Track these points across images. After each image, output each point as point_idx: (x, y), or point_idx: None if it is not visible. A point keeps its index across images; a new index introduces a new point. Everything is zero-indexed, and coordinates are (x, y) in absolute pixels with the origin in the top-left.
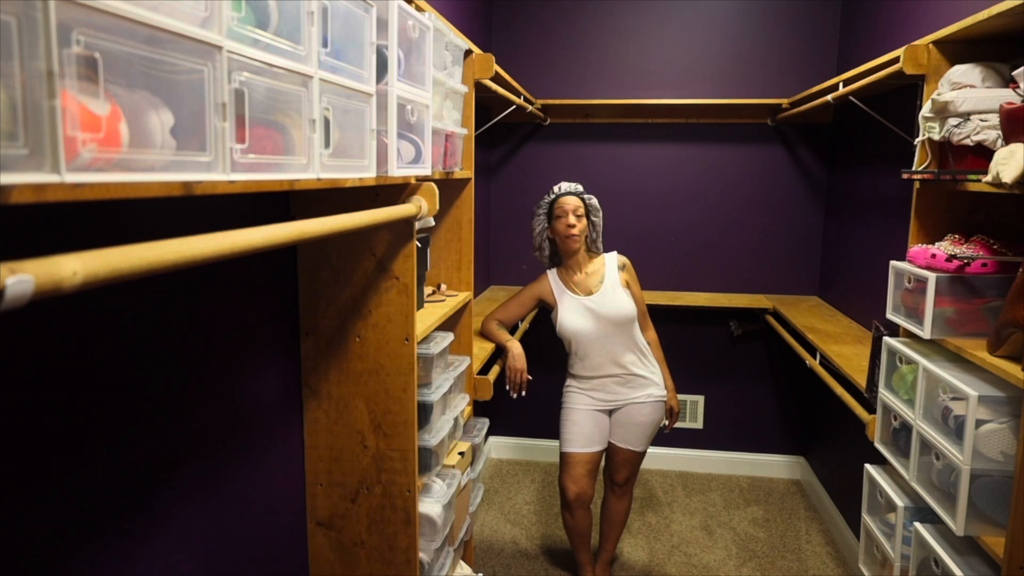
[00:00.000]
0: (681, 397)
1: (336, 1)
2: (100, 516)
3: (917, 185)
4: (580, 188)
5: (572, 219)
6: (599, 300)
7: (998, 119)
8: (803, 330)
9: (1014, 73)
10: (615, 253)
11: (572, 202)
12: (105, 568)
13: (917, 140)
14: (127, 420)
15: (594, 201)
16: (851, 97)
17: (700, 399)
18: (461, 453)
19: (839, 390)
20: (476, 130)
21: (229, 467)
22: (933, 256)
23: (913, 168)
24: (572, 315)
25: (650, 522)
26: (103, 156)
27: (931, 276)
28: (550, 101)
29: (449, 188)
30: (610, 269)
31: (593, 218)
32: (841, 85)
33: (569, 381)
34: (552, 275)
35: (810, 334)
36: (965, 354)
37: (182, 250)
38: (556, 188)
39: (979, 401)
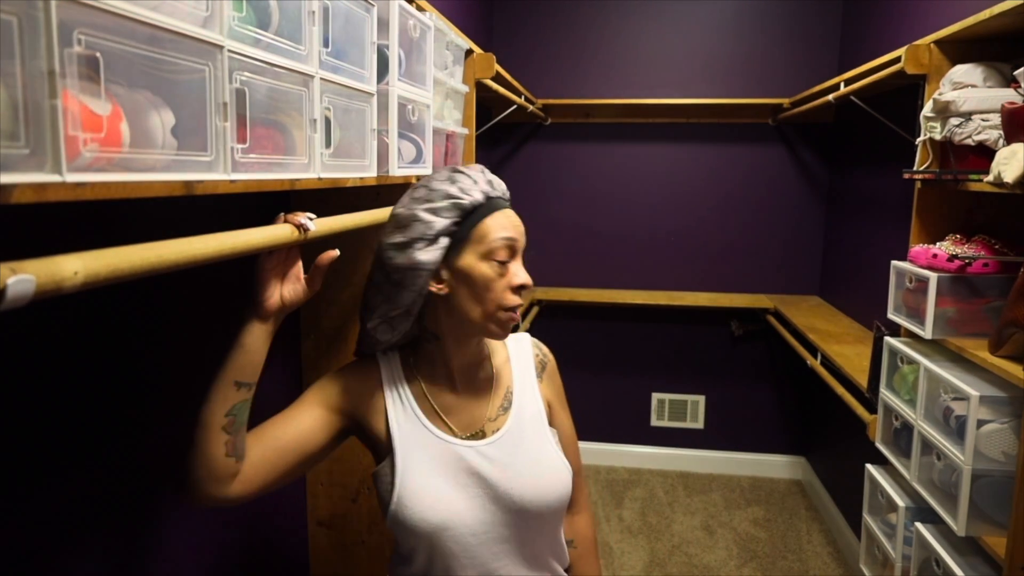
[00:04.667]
0: (682, 397)
1: (337, 1)
2: (102, 515)
3: (918, 185)
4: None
5: (521, 261)
6: (499, 454)
7: (1000, 119)
8: (804, 330)
9: (1016, 73)
10: (526, 336)
11: (515, 222)
12: (107, 567)
13: (918, 140)
14: (127, 420)
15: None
16: (852, 97)
17: (701, 399)
18: None
19: (840, 390)
20: (477, 130)
21: None
22: (934, 256)
23: (914, 168)
24: (434, 485)
25: (651, 522)
26: (104, 156)
27: (932, 276)
28: (551, 101)
29: None
30: (520, 373)
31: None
32: (842, 85)
33: None
34: (388, 367)
35: (811, 334)
36: (966, 354)
37: (183, 250)
38: (473, 179)
39: (980, 401)
